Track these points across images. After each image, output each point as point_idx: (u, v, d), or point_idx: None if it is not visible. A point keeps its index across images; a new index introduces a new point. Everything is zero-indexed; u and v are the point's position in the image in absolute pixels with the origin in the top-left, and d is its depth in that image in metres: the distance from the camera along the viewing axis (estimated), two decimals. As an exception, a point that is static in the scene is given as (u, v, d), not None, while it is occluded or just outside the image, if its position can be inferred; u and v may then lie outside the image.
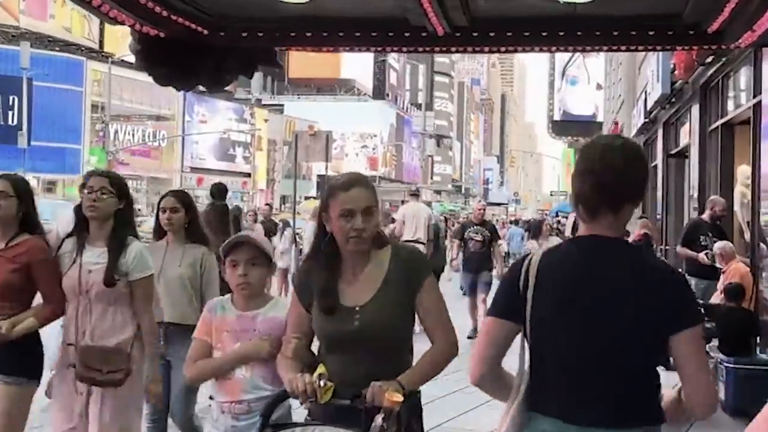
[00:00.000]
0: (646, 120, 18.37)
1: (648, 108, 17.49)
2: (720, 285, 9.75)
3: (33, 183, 56.99)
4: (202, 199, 64.46)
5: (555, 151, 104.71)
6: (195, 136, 74.08)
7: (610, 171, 2.58)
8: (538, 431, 2.58)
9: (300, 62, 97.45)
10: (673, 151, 16.83)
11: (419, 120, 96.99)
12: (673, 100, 15.15)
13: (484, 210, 13.51)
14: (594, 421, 2.53)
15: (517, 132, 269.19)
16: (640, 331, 2.51)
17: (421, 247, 11.57)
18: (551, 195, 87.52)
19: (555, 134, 48.36)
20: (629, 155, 2.66)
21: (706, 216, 10.89)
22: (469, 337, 11.51)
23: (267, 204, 19.20)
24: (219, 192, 10.45)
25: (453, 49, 9.97)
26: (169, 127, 69.41)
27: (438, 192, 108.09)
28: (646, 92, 17.95)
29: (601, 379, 2.54)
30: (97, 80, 56.25)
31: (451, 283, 16.81)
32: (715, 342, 8.62)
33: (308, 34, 7.50)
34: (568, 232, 18.81)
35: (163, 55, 7.60)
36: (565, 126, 49.40)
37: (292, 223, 17.39)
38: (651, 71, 15.61)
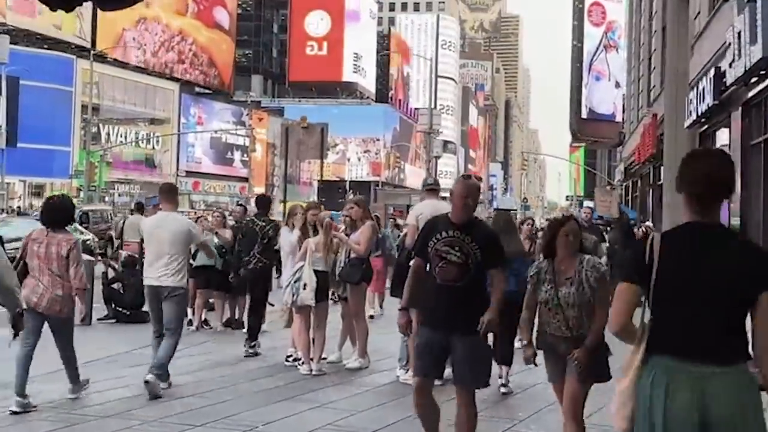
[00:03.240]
0: (715, 103, 15.33)
1: (725, 86, 14.51)
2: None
3: (19, 187, 54.91)
4: (199, 204, 62.02)
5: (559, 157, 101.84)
6: (191, 140, 71.62)
7: (722, 176, 3.55)
8: (661, 365, 3.45)
9: (301, 65, 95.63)
10: (757, 140, 13.77)
11: (425, 119, 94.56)
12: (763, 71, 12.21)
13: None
14: (704, 358, 3.36)
15: (521, 138, 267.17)
16: (737, 290, 3.38)
17: None
18: (567, 199, 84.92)
19: (580, 133, 45.06)
20: (730, 163, 3.67)
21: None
22: None
23: (239, 204, 15.85)
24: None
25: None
26: (164, 130, 66.74)
27: (443, 198, 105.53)
28: (718, 69, 14.97)
29: (710, 327, 3.40)
30: (88, 80, 53.37)
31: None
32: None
33: None
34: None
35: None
36: (590, 125, 46.18)
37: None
38: (735, 35, 12.57)
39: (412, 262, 6.15)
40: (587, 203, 66.53)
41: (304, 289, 9.14)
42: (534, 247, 11.45)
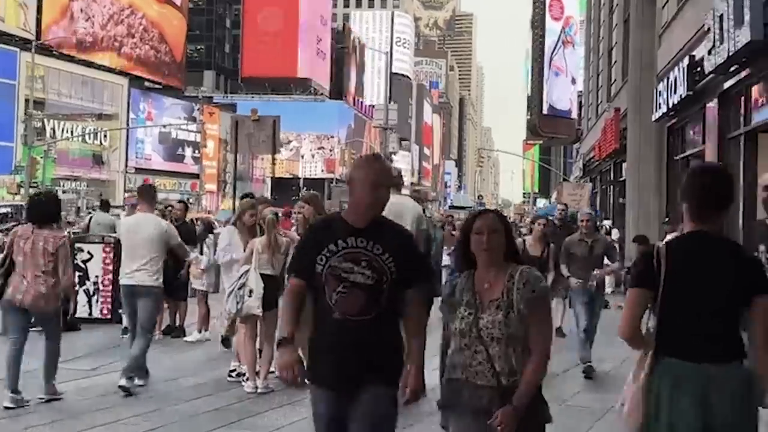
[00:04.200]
0: (689, 93, 14.45)
1: (701, 75, 13.62)
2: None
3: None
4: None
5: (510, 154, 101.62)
6: (140, 135, 69.89)
7: (722, 189, 3.83)
8: (668, 368, 3.68)
9: (254, 60, 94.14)
10: (735, 133, 12.85)
11: (379, 114, 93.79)
12: (745, 58, 11.25)
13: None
14: (707, 358, 3.63)
15: (475, 136, 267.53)
16: (734, 294, 3.66)
17: None
18: (523, 196, 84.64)
19: (541, 129, 44.12)
20: (729, 178, 3.97)
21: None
22: None
23: (180, 201, 14.69)
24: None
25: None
26: (113, 126, 64.92)
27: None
28: (692, 57, 14.08)
29: (713, 328, 3.68)
30: (32, 74, 51.53)
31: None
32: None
33: None
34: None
35: None
36: (550, 121, 45.39)
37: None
38: (715, 19, 11.61)
39: (288, 282, 4.29)
40: (541, 202, 65.97)
41: (250, 296, 8.05)
42: (547, 252, 10.47)
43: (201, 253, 12.69)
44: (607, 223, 25.51)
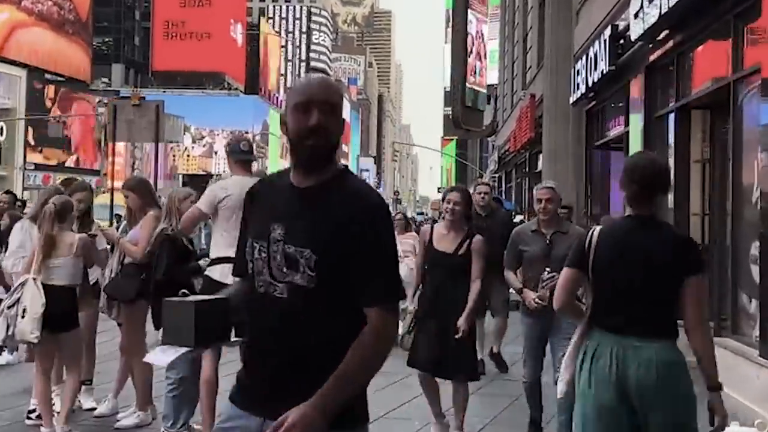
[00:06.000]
0: (611, 68, 12.85)
1: (624, 47, 12.03)
2: None
3: None
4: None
5: (428, 150, 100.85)
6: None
7: (655, 177, 4.05)
8: (594, 337, 4.00)
9: (165, 53, 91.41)
10: (663, 111, 11.22)
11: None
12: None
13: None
14: (634, 333, 3.87)
15: (394, 133, 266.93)
16: (664, 275, 3.88)
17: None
18: (438, 191, 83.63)
19: (463, 122, 42.34)
20: (664, 166, 4.24)
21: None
22: None
23: (7, 191, 12.55)
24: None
25: None
26: (11, 121, 61.52)
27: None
28: (615, 27, 12.44)
29: (639, 306, 3.91)
30: None
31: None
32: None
33: None
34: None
35: None
36: (471, 113, 43.80)
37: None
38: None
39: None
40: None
41: (23, 317, 5.98)
42: (468, 246, 8.61)
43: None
44: (520, 217, 24.14)
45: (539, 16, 24.81)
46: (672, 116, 11.04)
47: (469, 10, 41.12)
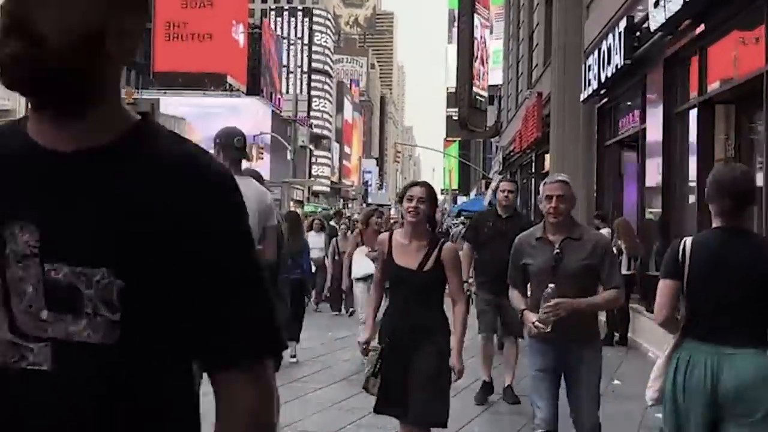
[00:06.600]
0: (627, 62, 12.26)
1: (641, 39, 11.46)
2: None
3: None
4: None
5: (432, 152, 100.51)
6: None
7: (744, 189, 4.03)
8: (687, 347, 4.03)
9: (167, 54, 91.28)
10: (683, 106, 10.63)
11: (289, 105, 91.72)
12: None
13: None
14: (729, 342, 3.89)
15: (396, 134, 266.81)
16: (760, 285, 3.89)
17: None
18: (441, 193, 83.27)
19: (469, 123, 41.86)
20: (751, 177, 4.32)
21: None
22: None
23: None
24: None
25: None
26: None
27: (316, 195, 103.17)
28: (631, 19, 11.84)
29: (735, 315, 3.94)
30: None
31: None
32: None
33: None
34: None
35: None
36: (477, 114, 43.24)
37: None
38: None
39: None
40: (461, 200, 64.43)
41: None
42: (436, 258, 7.48)
43: None
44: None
45: (546, 12, 24.25)
46: (693, 112, 10.55)
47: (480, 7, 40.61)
